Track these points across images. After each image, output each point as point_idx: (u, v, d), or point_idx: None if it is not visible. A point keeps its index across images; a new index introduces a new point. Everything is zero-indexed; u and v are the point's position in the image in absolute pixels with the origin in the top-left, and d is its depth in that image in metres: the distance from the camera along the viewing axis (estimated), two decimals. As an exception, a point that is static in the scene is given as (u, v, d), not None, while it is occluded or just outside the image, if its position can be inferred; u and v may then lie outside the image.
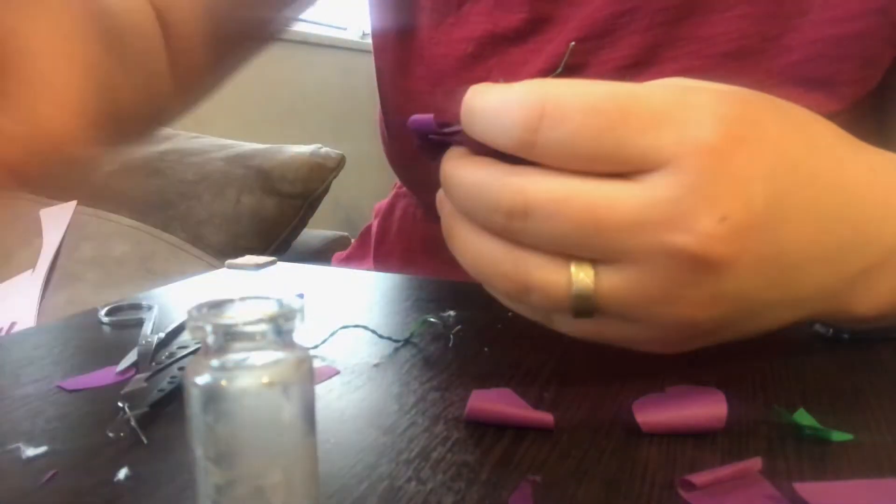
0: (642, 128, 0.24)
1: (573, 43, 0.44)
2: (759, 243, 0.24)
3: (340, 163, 1.69)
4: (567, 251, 0.25)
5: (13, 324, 0.78)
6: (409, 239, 0.66)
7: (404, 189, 0.67)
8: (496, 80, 0.27)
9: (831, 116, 0.42)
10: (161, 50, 0.50)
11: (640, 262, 0.24)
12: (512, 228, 0.26)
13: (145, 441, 0.26)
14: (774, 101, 0.28)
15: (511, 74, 0.47)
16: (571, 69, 0.45)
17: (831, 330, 0.37)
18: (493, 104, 0.26)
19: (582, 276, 0.25)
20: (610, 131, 0.24)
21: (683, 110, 0.24)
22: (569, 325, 0.28)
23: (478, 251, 0.27)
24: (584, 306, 0.26)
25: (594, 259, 0.25)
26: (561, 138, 0.24)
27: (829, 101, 0.42)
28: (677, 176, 0.23)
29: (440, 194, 0.30)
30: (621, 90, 0.24)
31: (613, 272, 0.25)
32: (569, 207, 0.24)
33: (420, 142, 0.31)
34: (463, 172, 0.27)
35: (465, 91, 0.27)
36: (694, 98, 0.24)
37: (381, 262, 0.68)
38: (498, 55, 0.47)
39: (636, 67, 0.44)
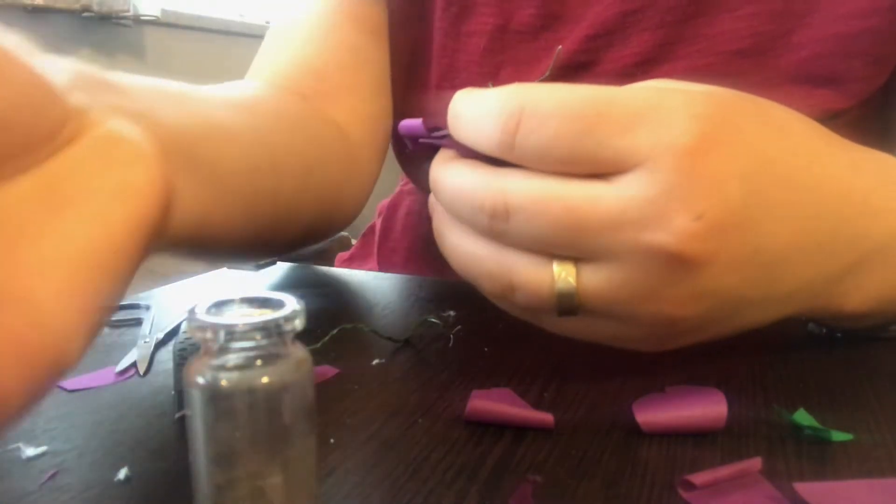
0: (617, 130, 0.24)
1: (560, 47, 0.44)
2: (737, 241, 0.25)
3: (340, 163, 1.68)
4: (549, 250, 0.26)
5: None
6: (413, 236, 0.65)
7: (409, 186, 0.67)
8: (486, 84, 0.28)
9: (839, 114, 0.42)
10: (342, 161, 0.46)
11: (619, 260, 0.25)
12: (495, 229, 0.26)
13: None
14: (753, 101, 0.28)
15: (522, 72, 0.47)
16: (582, 66, 0.45)
17: (825, 329, 0.37)
18: (474, 109, 0.26)
19: (564, 275, 0.25)
20: (585, 135, 0.24)
21: (658, 112, 0.24)
22: (555, 324, 0.28)
23: (465, 251, 0.28)
24: (568, 304, 0.26)
25: (577, 258, 0.26)
26: (538, 142, 0.25)
27: (837, 98, 0.42)
28: (653, 176, 0.24)
29: (432, 197, 0.30)
30: (597, 94, 0.25)
31: (595, 270, 0.25)
32: (548, 208, 0.25)
33: (412, 145, 0.32)
34: (449, 175, 0.28)
35: (451, 95, 0.28)
36: (669, 100, 0.25)
37: (385, 259, 0.68)
38: (509, 50, 0.47)
39: (646, 65, 0.44)
